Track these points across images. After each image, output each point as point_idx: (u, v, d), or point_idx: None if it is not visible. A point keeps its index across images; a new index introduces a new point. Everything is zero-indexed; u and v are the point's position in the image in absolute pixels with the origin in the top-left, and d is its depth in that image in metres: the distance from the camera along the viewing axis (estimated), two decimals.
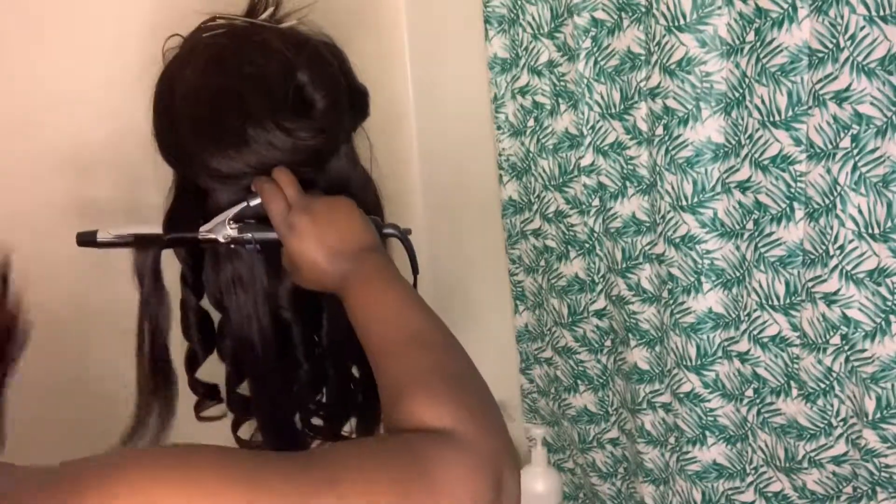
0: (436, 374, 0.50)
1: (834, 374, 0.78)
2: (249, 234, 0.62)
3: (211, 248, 0.64)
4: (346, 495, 0.41)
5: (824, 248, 0.74)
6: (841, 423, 0.80)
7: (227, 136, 0.60)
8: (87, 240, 0.64)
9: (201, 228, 0.63)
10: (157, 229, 0.64)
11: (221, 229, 0.63)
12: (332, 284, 0.59)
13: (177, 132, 0.63)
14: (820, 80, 0.69)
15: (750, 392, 0.88)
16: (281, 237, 0.61)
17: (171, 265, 0.67)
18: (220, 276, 0.65)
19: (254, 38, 0.64)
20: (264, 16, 0.66)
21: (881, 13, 0.64)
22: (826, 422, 0.81)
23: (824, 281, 0.75)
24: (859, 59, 0.66)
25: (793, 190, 0.75)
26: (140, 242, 0.63)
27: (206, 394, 0.70)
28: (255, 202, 0.62)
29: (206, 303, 0.69)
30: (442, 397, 0.48)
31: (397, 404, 0.49)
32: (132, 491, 0.36)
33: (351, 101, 0.67)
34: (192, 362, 0.69)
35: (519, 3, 0.96)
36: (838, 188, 0.71)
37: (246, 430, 0.73)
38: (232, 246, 0.63)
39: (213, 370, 0.71)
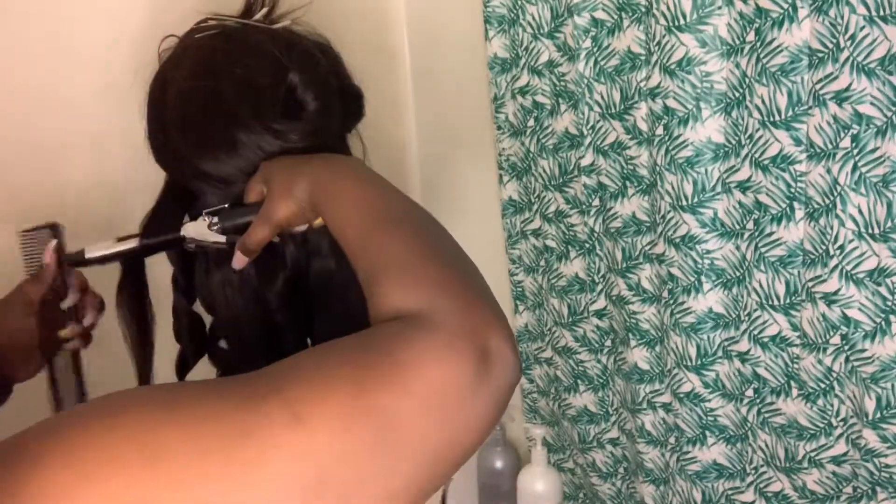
0: (407, 256, 0.47)
1: (834, 374, 0.78)
2: (217, 220, 0.61)
3: (200, 252, 0.64)
4: (294, 397, 0.37)
5: (824, 248, 0.74)
6: (841, 423, 0.80)
7: (217, 139, 0.60)
8: (75, 260, 0.64)
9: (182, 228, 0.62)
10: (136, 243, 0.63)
11: (198, 229, 0.62)
12: (307, 197, 0.56)
13: (167, 134, 0.62)
14: (820, 80, 0.69)
15: (750, 392, 0.88)
16: (247, 191, 0.60)
17: (166, 268, 0.67)
18: (211, 279, 0.64)
19: (244, 40, 0.63)
20: (258, 16, 0.65)
21: (881, 13, 0.64)
22: (826, 422, 0.81)
23: (824, 281, 0.75)
24: (859, 59, 0.66)
25: (793, 190, 0.75)
26: (125, 255, 0.63)
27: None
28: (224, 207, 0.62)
29: (198, 307, 0.69)
30: (411, 278, 0.45)
31: (370, 295, 0.46)
32: (59, 457, 0.34)
33: (345, 103, 0.66)
34: (183, 366, 0.69)
35: (519, 3, 0.96)
36: (838, 188, 0.71)
37: None
38: (213, 244, 0.62)
39: (209, 372, 0.71)
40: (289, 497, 0.36)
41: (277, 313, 0.65)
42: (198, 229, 0.62)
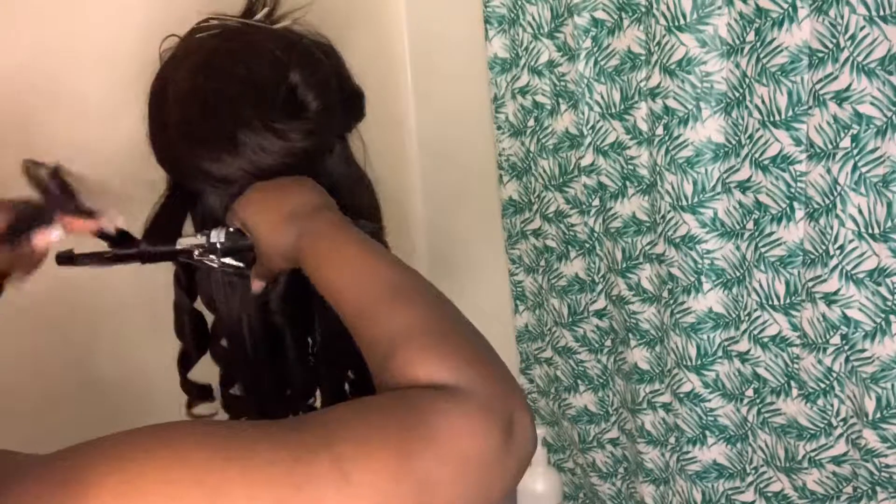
0: (423, 328, 0.47)
1: (834, 374, 0.78)
2: (214, 260, 0.61)
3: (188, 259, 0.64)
4: (343, 455, 0.39)
5: (824, 248, 0.74)
6: (841, 423, 0.80)
7: (218, 139, 0.59)
8: (67, 258, 0.63)
9: (178, 242, 0.62)
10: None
11: (189, 242, 0.61)
12: (291, 251, 0.56)
13: (168, 135, 0.62)
14: (820, 80, 0.69)
15: (750, 392, 0.88)
16: (234, 222, 0.60)
17: (166, 266, 0.67)
18: (211, 280, 0.64)
19: (246, 39, 0.63)
20: (259, 16, 0.65)
21: (881, 13, 0.64)
22: (826, 422, 0.81)
23: (824, 281, 0.75)
24: (859, 59, 0.66)
25: (793, 190, 0.75)
26: (115, 260, 0.62)
27: (199, 395, 0.70)
28: (225, 231, 0.61)
29: (199, 304, 0.69)
30: (433, 351, 0.46)
31: (386, 368, 0.46)
32: (116, 484, 0.35)
33: (346, 103, 0.66)
34: (185, 363, 0.69)
35: (519, 3, 0.96)
36: (838, 188, 0.71)
37: None
38: (203, 259, 0.62)
39: (208, 371, 0.71)
40: None
41: (277, 314, 0.65)
42: (192, 246, 0.62)
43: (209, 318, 0.69)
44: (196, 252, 0.62)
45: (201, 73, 0.61)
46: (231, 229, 0.61)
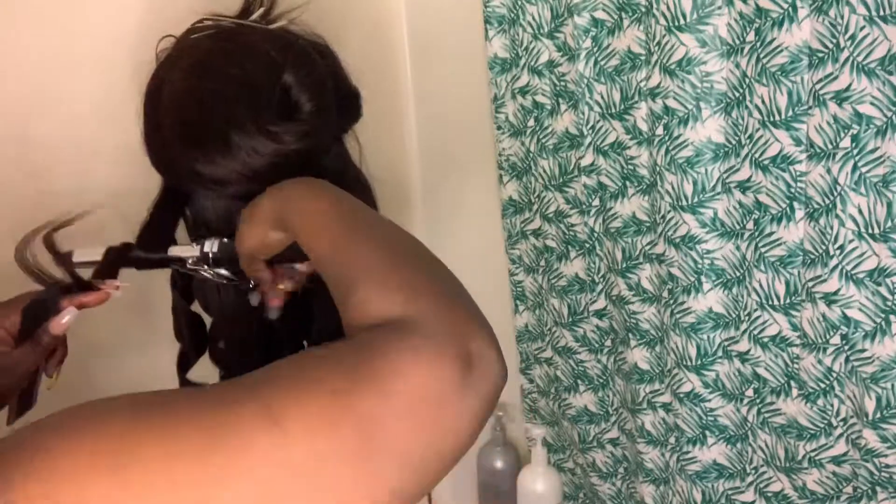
0: (379, 264, 0.46)
1: (834, 374, 0.78)
2: (209, 245, 0.61)
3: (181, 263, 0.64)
4: (271, 400, 0.36)
5: (824, 248, 0.74)
6: (841, 423, 0.80)
7: (212, 140, 0.59)
8: (61, 262, 0.63)
9: (170, 249, 0.62)
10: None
11: (184, 252, 0.61)
12: (273, 219, 0.56)
13: (162, 136, 0.62)
14: (820, 80, 0.69)
15: (750, 392, 0.88)
16: (260, 248, 0.60)
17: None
18: (206, 283, 0.64)
19: (240, 40, 0.62)
20: (255, 16, 0.64)
21: (881, 13, 0.64)
22: (826, 422, 0.81)
23: (824, 281, 0.75)
24: (859, 59, 0.66)
25: (793, 190, 0.75)
26: (107, 266, 0.62)
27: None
28: (219, 242, 0.62)
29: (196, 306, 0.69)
30: (387, 285, 0.44)
31: (346, 307, 0.45)
32: (31, 468, 0.34)
33: (343, 103, 0.65)
34: (184, 364, 0.69)
35: (519, 3, 0.96)
36: (838, 188, 0.71)
37: None
38: (197, 269, 0.62)
39: (207, 372, 0.71)
40: (265, 499, 0.35)
41: (274, 314, 0.65)
42: (185, 254, 0.62)
43: (207, 319, 0.69)
44: (189, 261, 0.61)
45: (195, 74, 0.61)
46: (225, 240, 0.61)
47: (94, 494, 0.33)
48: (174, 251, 0.62)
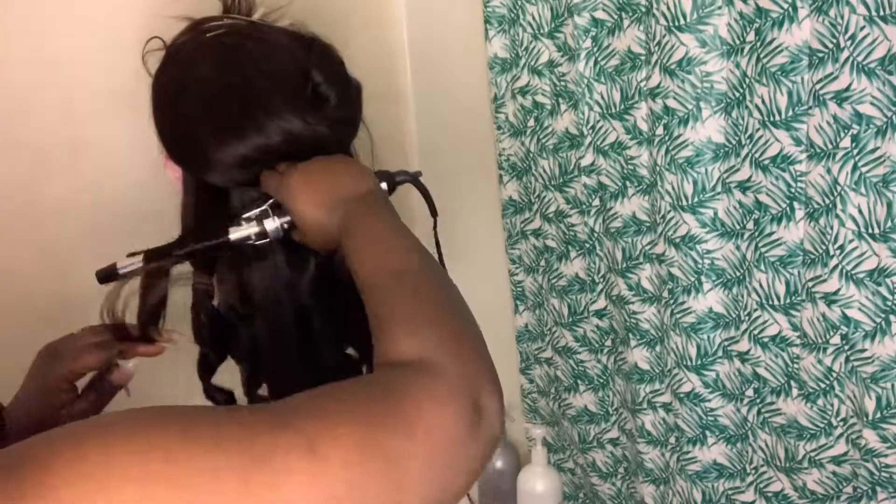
0: (413, 307, 0.50)
1: (834, 374, 0.78)
2: (270, 220, 0.62)
3: (235, 248, 0.64)
4: (308, 429, 0.39)
5: (824, 247, 0.74)
6: (841, 423, 0.80)
7: (249, 129, 0.61)
8: (108, 275, 0.62)
9: (231, 233, 0.62)
10: (162, 242, 0.63)
11: (242, 228, 0.62)
12: (336, 235, 0.59)
13: (190, 129, 0.63)
14: (820, 80, 0.69)
15: (750, 392, 0.88)
16: (281, 202, 0.61)
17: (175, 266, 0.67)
18: (241, 274, 0.65)
19: (262, 37, 0.65)
20: (257, 15, 0.67)
21: (881, 13, 0.64)
22: (826, 422, 0.81)
23: (824, 281, 0.75)
24: (859, 59, 0.66)
25: (793, 190, 0.75)
26: (159, 264, 0.62)
27: (225, 400, 0.69)
28: (267, 204, 0.62)
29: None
30: (415, 328, 0.48)
31: (378, 342, 0.49)
32: (72, 466, 0.35)
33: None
34: (207, 367, 0.68)
35: (519, 3, 0.96)
36: (838, 188, 0.71)
37: None
38: (253, 240, 0.63)
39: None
40: None
41: (308, 297, 0.66)
42: (242, 233, 0.62)
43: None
44: (252, 235, 0.62)
45: (227, 68, 0.63)
46: (272, 206, 0.62)
47: (134, 498, 0.35)
48: (235, 232, 0.62)
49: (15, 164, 0.82)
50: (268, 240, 0.63)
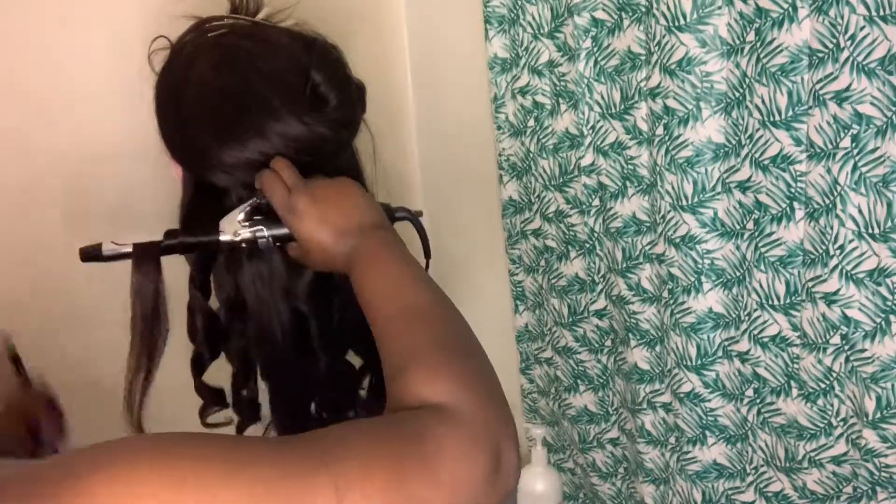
0: (433, 349, 0.50)
1: (834, 374, 0.78)
2: (263, 231, 0.62)
3: (227, 249, 0.64)
4: (339, 473, 0.40)
5: (824, 247, 0.74)
6: (841, 423, 0.80)
7: (248, 130, 0.61)
8: (91, 254, 0.62)
9: (221, 224, 0.63)
10: (159, 237, 0.63)
11: (234, 228, 0.62)
12: (341, 264, 0.60)
13: (190, 130, 0.63)
14: (820, 80, 0.69)
15: (750, 392, 0.88)
16: (285, 222, 0.61)
17: (174, 266, 0.67)
18: (238, 275, 0.65)
19: (262, 37, 0.65)
20: (261, 15, 0.66)
21: (881, 13, 0.64)
22: (826, 422, 0.81)
23: (824, 281, 0.75)
24: (859, 59, 0.66)
25: (793, 190, 0.75)
26: (146, 251, 0.62)
27: (213, 398, 0.70)
28: (261, 199, 0.63)
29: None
30: (437, 372, 0.48)
31: (396, 381, 0.49)
32: (111, 490, 0.36)
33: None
34: (199, 365, 0.69)
35: (519, 3, 0.96)
36: (838, 188, 0.71)
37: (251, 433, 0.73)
38: (243, 245, 0.63)
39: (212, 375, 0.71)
40: None
41: (304, 303, 0.66)
42: (233, 236, 0.62)
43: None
44: (242, 237, 0.62)
45: (226, 70, 0.63)
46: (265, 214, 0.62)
47: None
48: (225, 225, 0.62)
49: (27, 163, 0.82)
50: (264, 233, 0.63)
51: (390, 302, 0.55)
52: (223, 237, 0.62)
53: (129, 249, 0.62)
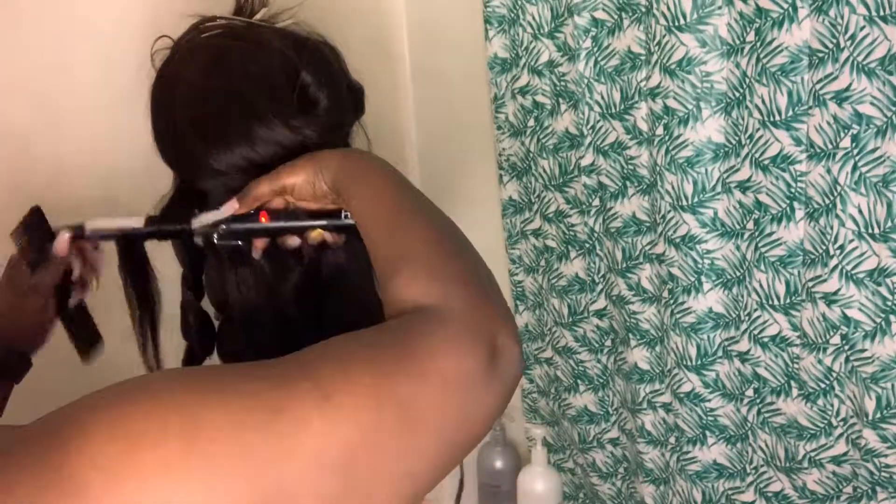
0: (422, 250, 0.50)
1: (834, 374, 0.78)
2: (226, 223, 0.62)
3: (210, 248, 0.64)
4: (323, 378, 0.40)
5: (824, 247, 0.74)
6: (841, 423, 0.80)
7: (233, 135, 0.60)
8: (74, 234, 0.65)
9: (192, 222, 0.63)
10: (141, 222, 0.64)
11: (203, 220, 0.62)
12: (332, 177, 0.59)
13: (178, 133, 0.63)
14: (820, 80, 0.69)
15: (750, 392, 0.88)
16: (273, 176, 0.61)
17: (172, 265, 0.67)
18: (225, 276, 0.65)
19: (254, 38, 0.64)
20: (258, 16, 0.66)
21: (881, 13, 0.64)
22: (826, 422, 0.81)
23: (824, 281, 0.75)
24: (859, 59, 0.66)
25: (793, 190, 0.75)
26: (125, 234, 0.64)
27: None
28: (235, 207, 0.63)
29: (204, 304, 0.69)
30: (426, 271, 0.48)
31: (387, 288, 0.49)
32: (106, 428, 0.36)
33: (349, 99, 0.67)
34: (191, 362, 0.69)
35: (519, 3, 0.96)
36: (838, 188, 0.71)
37: None
38: (220, 232, 0.63)
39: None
40: (320, 470, 0.39)
41: (291, 306, 0.65)
42: (204, 222, 0.62)
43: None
44: (212, 223, 0.62)
45: (214, 72, 0.62)
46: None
47: (168, 453, 0.36)
48: (199, 220, 0.63)
49: (27, 162, 0.82)
50: (235, 239, 0.63)
51: (379, 209, 0.55)
52: (193, 223, 0.62)
53: (108, 231, 0.64)
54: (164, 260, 0.67)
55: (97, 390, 0.40)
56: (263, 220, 0.62)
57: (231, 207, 0.62)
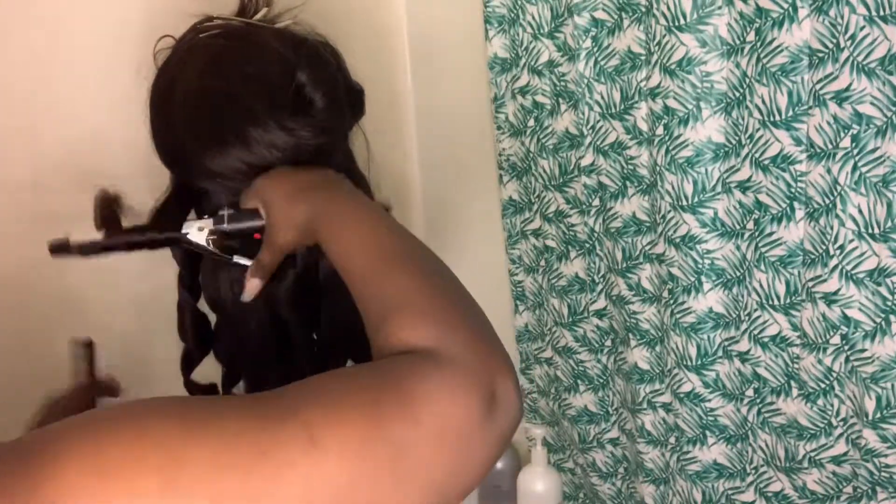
0: (416, 293, 0.48)
1: (834, 374, 0.78)
2: (225, 224, 0.61)
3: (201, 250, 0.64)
4: (311, 421, 0.38)
5: (824, 247, 0.74)
6: (841, 423, 0.80)
7: (228, 136, 0.60)
8: (60, 246, 0.62)
9: (184, 226, 0.63)
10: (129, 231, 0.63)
11: (196, 225, 0.62)
12: (306, 222, 0.57)
13: (175, 133, 0.63)
14: (820, 80, 0.69)
15: (750, 392, 0.88)
16: (242, 204, 0.61)
17: (170, 265, 0.67)
18: (218, 278, 0.64)
19: (252, 39, 0.64)
20: (258, 16, 0.66)
21: (881, 13, 0.64)
22: (826, 422, 0.81)
23: (824, 281, 0.75)
24: (859, 59, 0.66)
25: (793, 190, 0.75)
26: (112, 244, 0.62)
27: (204, 393, 0.70)
28: (230, 212, 0.62)
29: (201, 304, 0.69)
30: (423, 315, 0.46)
31: (379, 332, 0.47)
32: (81, 457, 0.35)
33: (348, 100, 0.67)
34: (188, 363, 0.69)
35: (519, 3, 0.96)
36: (838, 188, 0.71)
37: None
38: (211, 240, 0.63)
39: (208, 372, 0.71)
40: None
41: (286, 309, 0.65)
42: (197, 235, 0.62)
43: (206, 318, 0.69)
44: (203, 233, 0.62)
45: (210, 72, 0.62)
46: (231, 211, 0.62)
47: (143, 488, 0.35)
48: (188, 226, 0.62)
49: (28, 162, 0.82)
50: (219, 255, 0.62)
51: (363, 253, 0.52)
52: (184, 229, 0.62)
53: (95, 243, 0.62)
54: (164, 260, 0.66)
55: (83, 413, 0.38)
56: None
57: (254, 289, 0.61)
